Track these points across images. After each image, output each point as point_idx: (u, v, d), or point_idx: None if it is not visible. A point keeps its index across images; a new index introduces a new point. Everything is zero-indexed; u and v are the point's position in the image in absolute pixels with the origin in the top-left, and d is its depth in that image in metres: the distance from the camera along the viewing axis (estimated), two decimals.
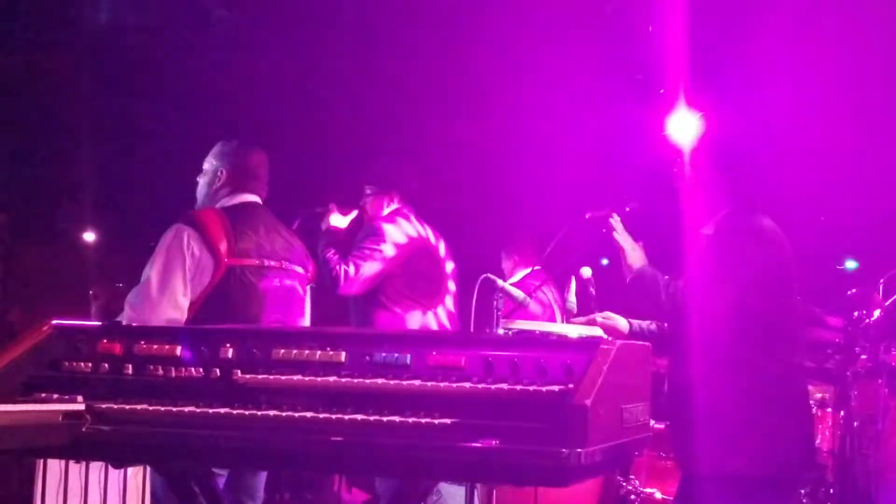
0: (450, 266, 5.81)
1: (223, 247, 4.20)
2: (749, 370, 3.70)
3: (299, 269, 4.58)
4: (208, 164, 4.58)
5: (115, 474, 4.71)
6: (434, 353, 2.72)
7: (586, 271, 4.93)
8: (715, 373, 3.72)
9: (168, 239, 4.21)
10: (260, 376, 2.77)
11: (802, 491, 5.38)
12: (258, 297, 4.28)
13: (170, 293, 4.11)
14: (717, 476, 3.70)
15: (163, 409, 2.71)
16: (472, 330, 4.38)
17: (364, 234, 5.48)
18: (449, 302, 5.76)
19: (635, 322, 4.11)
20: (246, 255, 4.28)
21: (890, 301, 4.56)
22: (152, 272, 4.14)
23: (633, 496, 5.67)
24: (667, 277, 3.97)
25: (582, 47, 7.81)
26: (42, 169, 9.94)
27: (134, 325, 3.87)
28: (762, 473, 3.68)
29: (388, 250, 5.42)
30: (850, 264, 10.77)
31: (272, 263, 4.35)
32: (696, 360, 3.77)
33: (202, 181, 4.58)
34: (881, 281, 4.79)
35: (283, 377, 2.75)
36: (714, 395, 3.72)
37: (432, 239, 5.73)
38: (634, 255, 4.12)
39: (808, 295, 5.40)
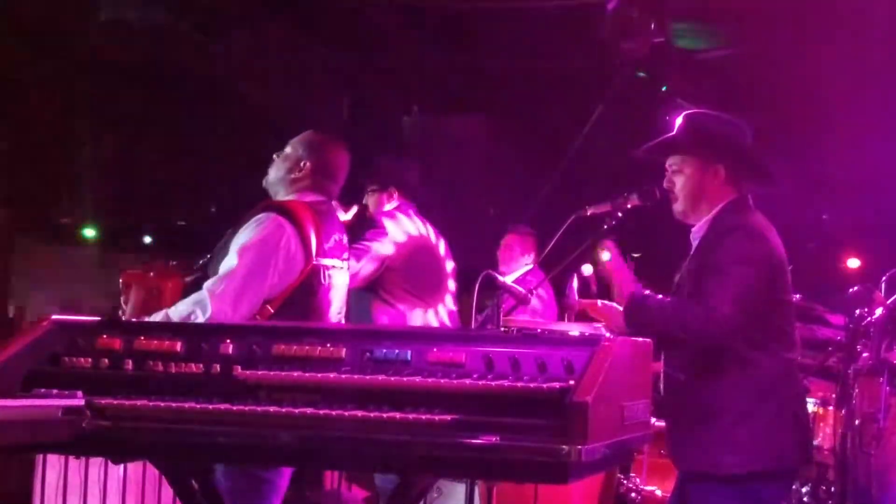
0: (450, 265, 5.81)
1: (314, 246, 4.04)
2: (741, 366, 3.69)
3: (348, 267, 4.52)
4: (292, 148, 4.33)
5: (114, 470, 4.70)
6: (434, 349, 2.71)
7: (587, 268, 4.93)
8: (708, 369, 3.72)
9: (267, 229, 3.96)
10: (260, 372, 2.76)
11: (804, 489, 5.37)
12: (330, 295, 4.19)
13: (257, 286, 3.90)
14: (712, 474, 3.70)
15: (162, 404, 2.70)
16: (472, 327, 4.37)
17: (365, 229, 5.50)
18: (449, 300, 5.76)
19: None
20: (327, 255, 4.15)
21: (892, 299, 4.55)
22: (243, 260, 3.90)
23: (633, 494, 5.67)
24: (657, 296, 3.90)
25: (580, 43, 7.81)
26: (43, 164, 9.94)
27: (208, 319, 3.76)
28: (756, 469, 3.68)
29: (389, 245, 5.44)
30: (852, 262, 10.78)
31: (338, 264, 4.27)
32: (690, 357, 3.77)
33: (281, 164, 4.32)
34: (883, 279, 4.78)
35: (283, 373, 2.74)
36: (707, 392, 3.72)
37: (433, 237, 5.74)
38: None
39: (810, 293, 5.41)
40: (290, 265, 4.00)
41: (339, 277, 4.30)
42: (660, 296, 3.92)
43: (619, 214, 4.14)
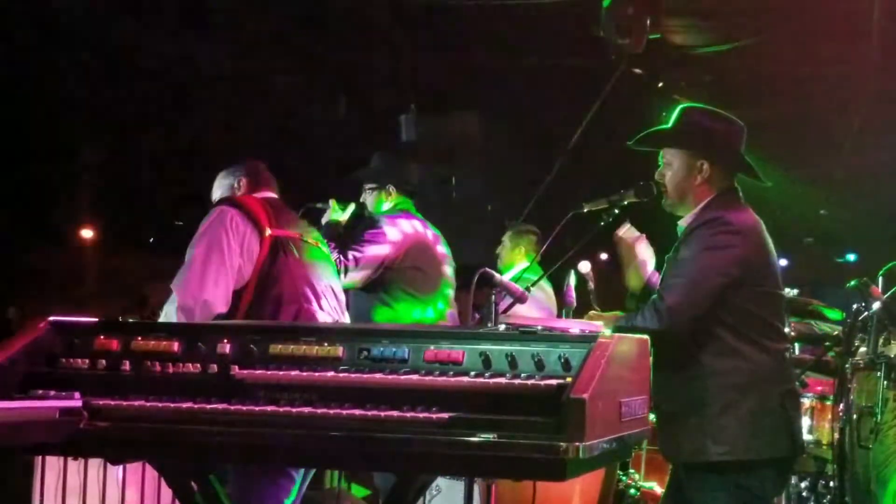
0: (448, 265, 5.81)
1: (264, 219, 4.13)
2: (728, 358, 3.70)
3: (323, 243, 4.52)
4: (219, 185, 4.51)
5: (113, 471, 4.70)
6: (432, 347, 2.71)
7: (584, 266, 4.92)
8: (695, 361, 3.72)
9: (211, 219, 4.10)
10: (257, 372, 2.76)
11: (802, 484, 5.38)
12: (310, 268, 4.21)
13: (217, 266, 3.99)
14: (699, 462, 3.72)
15: (160, 405, 2.70)
16: (470, 324, 4.37)
17: (363, 228, 5.50)
18: (448, 299, 5.76)
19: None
20: (287, 226, 4.22)
21: (889, 293, 4.55)
22: (197, 251, 4.03)
23: (632, 490, 5.68)
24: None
25: (577, 40, 7.81)
26: (41, 167, 9.93)
27: (187, 310, 3.87)
28: (742, 458, 3.69)
29: (386, 243, 5.44)
30: (850, 257, 10.79)
31: (310, 240, 4.31)
32: (677, 350, 3.77)
33: (218, 194, 4.47)
34: (880, 273, 4.78)
35: (281, 372, 2.74)
36: (694, 384, 3.73)
37: (430, 235, 5.74)
38: (630, 275, 4.11)
39: (807, 288, 5.41)
40: (245, 241, 4.08)
41: (316, 252, 4.29)
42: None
43: (616, 211, 4.14)
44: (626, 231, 4.10)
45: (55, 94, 8.52)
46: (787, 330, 4.08)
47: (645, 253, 4.13)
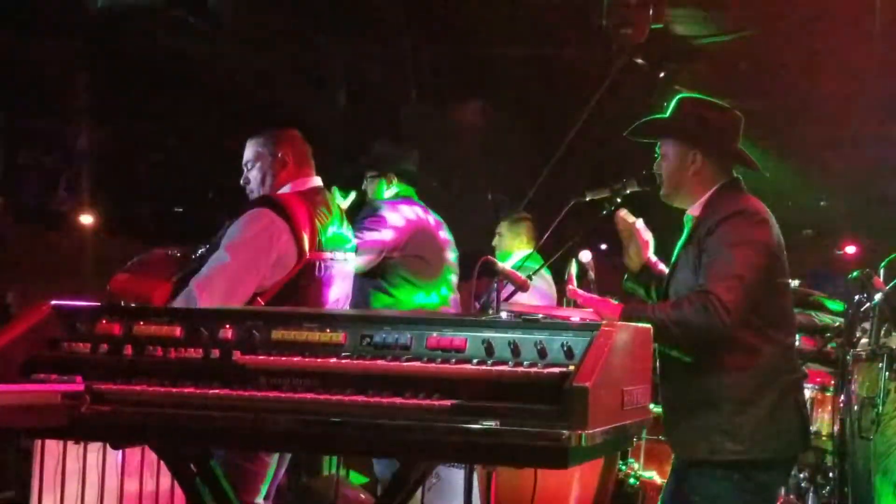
0: (451, 251, 5.81)
1: (307, 242, 4.04)
2: (742, 353, 3.67)
3: (353, 254, 4.51)
4: (259, 151, 4.34)
5: (112, 456, 4.70)
6: (434, 334, 2.71)
7: (585, 255, 4.91)
8: (708, 355, 3.69)
9: (258, 226, 3.97)
10: (259, 357, 2.76)
11: (801, 475, 5.39)
12: (326, 286, 4.19)
13: (247, 283, 3.90)
14: (712, 460, 3.69)
15: (162, 389, 2.69)
16: (472, 312, 4.36)
17: (364, 215, 5.50)
18: (449, 286, 5.76)
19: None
20: (323, 248, 4.14)
21: (891, 285, 4.55)
22: (235, 258, 3.90)
23: (631, 479, 5.68)
24: (653, 307, 3.78)
25: (579, 30, 7.80)
26: (40, 151, 9.92)
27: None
28: (758, 456, 3.67)
29: (388, 232, 5.44)
30: (850, 248, 10.79)
31: (339, 255, 4.26)
32: (720, 347, 3.72)
33: (257, 169, 4.31)
34: (882, 264, 4.78)
35: (283, 358, 2.74)
36: (707, 379, 3.70)
37: (432, 222, 5.74)
38: (631, 254, 4.09)
39: (808, 279, 5.41)
40: (283, 261, 4.02)
41: (341, 268, 4.29)
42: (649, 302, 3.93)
43: (619, 200, 4.13)
44: (626, 214, 4.10)
45: (56, 76, 8.50)
46: None
47: (646, 234, 4.12)
